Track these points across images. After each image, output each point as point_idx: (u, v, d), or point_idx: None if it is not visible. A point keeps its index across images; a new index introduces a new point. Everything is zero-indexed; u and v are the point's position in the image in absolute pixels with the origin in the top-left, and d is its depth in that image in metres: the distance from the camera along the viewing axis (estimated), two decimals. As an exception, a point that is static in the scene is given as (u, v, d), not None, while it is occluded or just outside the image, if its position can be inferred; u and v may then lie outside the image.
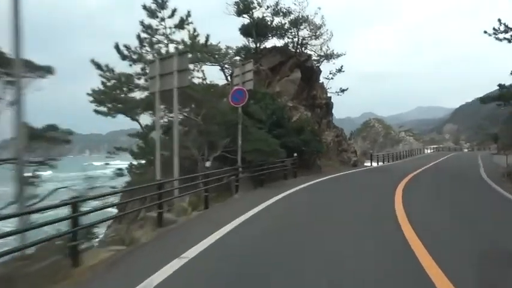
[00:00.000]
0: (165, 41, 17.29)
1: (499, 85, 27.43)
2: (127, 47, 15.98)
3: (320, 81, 24.93)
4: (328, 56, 23.71)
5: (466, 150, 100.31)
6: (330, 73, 24.94)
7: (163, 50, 16.75)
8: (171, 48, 17.14)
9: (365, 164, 27.63)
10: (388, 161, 31.21)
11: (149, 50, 16.67)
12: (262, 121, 15.71)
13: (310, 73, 23.03)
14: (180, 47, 17.79)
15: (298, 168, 17.39)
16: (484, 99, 19.97)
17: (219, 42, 20.77)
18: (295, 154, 16.86)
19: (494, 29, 15.68)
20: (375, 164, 26.74)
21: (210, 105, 13.00)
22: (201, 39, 17.98)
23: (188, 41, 17.92)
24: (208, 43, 17.93)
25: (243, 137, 13.39)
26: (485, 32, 16.04)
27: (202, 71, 20.42)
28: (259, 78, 20.35)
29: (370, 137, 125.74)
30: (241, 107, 13.82)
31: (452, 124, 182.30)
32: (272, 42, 23.48)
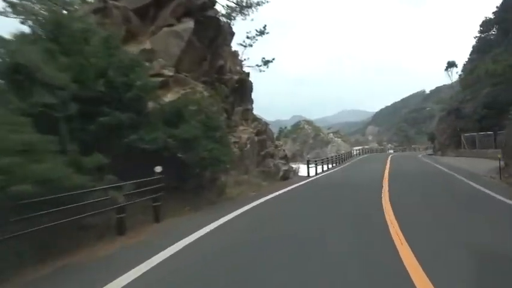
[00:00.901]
0: None
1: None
2: None
3: (232, 48, 16.06)
4: (243, 5, 14.85)
5: (391, 151, 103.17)
6: (248, 37, 16.14)
7: None
8: None
9: (300, 174, 19.49)
10: (328, 167, 23.65)
11: None
12: (55, 89, 6.06)
13: (214, 31, 13.97)
14: None
15: (172, 197, 8.10)
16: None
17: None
18: (158, 168, 7.51)
19: None
20: (312, 173, 18.71)
21: None
22: None
23: None
24: None
25: None
26: None
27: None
28: (111, 22, 10.60)
29: (300, 139, 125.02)
30: None
31: (374, 126, 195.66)
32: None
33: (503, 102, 24.88)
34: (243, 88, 15.39)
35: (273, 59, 17.52)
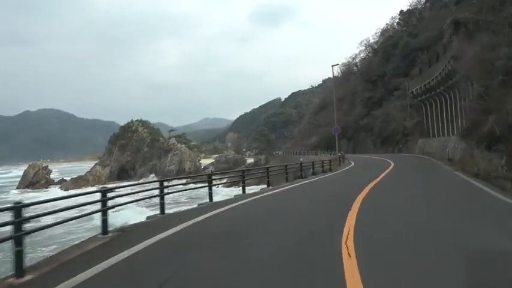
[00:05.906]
0: None
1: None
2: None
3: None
4: None
5: (251, 160, 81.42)
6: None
7: None
8: None
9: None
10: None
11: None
12: None
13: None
14: None
15: None
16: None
17: None
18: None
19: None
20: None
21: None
22: None
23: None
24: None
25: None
26: None
27: None
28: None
29: (132, 146, 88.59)
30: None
31: (233, 133, 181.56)
32: None
33: None
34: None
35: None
